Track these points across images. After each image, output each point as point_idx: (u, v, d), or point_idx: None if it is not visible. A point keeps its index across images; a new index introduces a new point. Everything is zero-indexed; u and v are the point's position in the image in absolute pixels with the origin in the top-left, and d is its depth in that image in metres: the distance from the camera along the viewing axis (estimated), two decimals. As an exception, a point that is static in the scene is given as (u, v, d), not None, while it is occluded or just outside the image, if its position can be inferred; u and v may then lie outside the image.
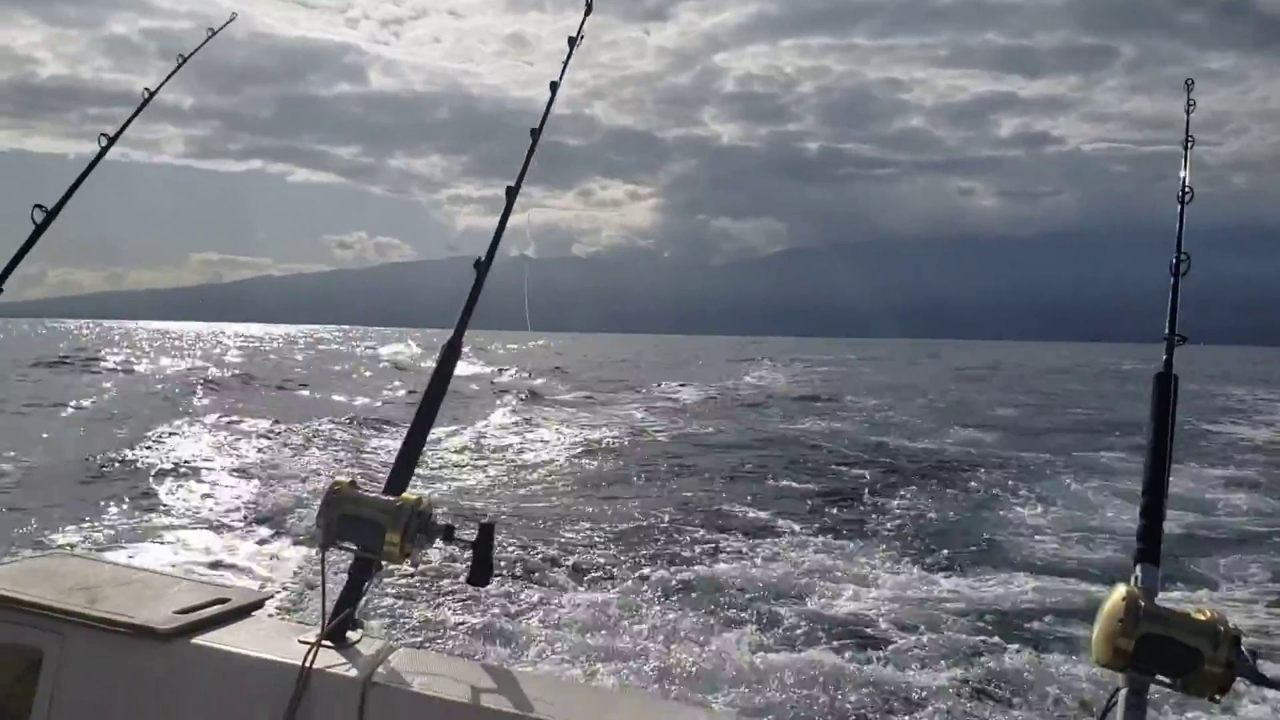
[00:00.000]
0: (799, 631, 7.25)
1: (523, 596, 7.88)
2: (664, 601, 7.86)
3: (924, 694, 6.23)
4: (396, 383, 35.13)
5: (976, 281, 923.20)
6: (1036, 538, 10.99)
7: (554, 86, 3.10)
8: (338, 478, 2.06)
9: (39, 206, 3.03)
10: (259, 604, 2.33)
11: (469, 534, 2.06)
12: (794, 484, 14.20)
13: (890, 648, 7.03)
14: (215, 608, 2.22)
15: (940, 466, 16.34)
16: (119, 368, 39.19)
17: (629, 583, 8.39)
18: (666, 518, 11.30)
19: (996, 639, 7.22)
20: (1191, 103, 3.13)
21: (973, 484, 14.57)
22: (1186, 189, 2.54)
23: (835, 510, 12.17)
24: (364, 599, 2.09)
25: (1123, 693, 1.59)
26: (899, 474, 15.21)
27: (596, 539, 10.20)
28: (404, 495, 2.03)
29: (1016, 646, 7.03)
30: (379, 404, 26.30)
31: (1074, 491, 14.01)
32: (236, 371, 37.65)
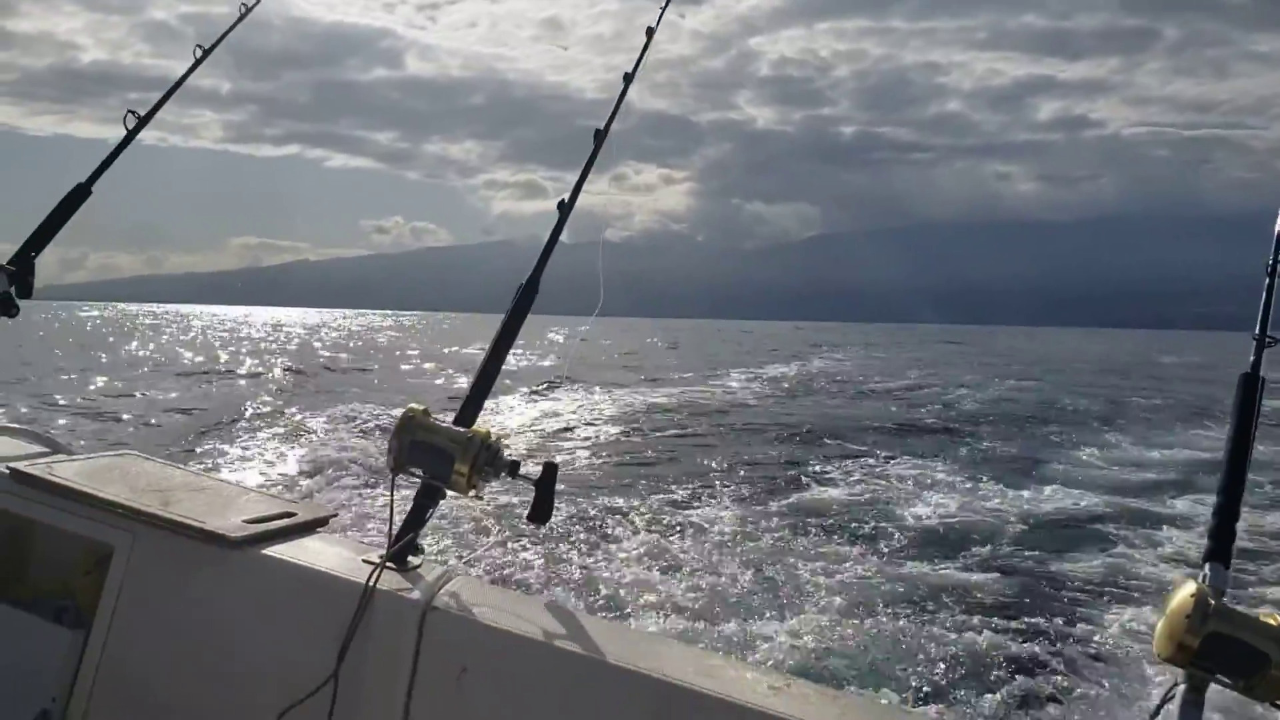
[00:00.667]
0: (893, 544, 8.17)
1: (582, 538, 8.03)
2: (728, 547, 8.06)
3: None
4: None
5: (1014, 267, 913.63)
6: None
7: (627, 78, 3.08)
8: (411, 405, 2.07)
9: (131, 112, 3.15)
10: (324, 521, 2.36)
11: (534, 471, 2.06)
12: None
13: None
14: (283, 520, 2.25)
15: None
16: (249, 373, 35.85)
17: (691, 528, 8.66)
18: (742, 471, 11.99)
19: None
20: None
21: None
22: None
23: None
24: (427, 526, 2.10)
25: (1181, 689, 1.56)
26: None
27: (662, 488, 10.69)
28: (474, 428, 2.05)
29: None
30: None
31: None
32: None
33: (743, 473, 12.49)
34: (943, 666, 6.26)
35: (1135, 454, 16.13)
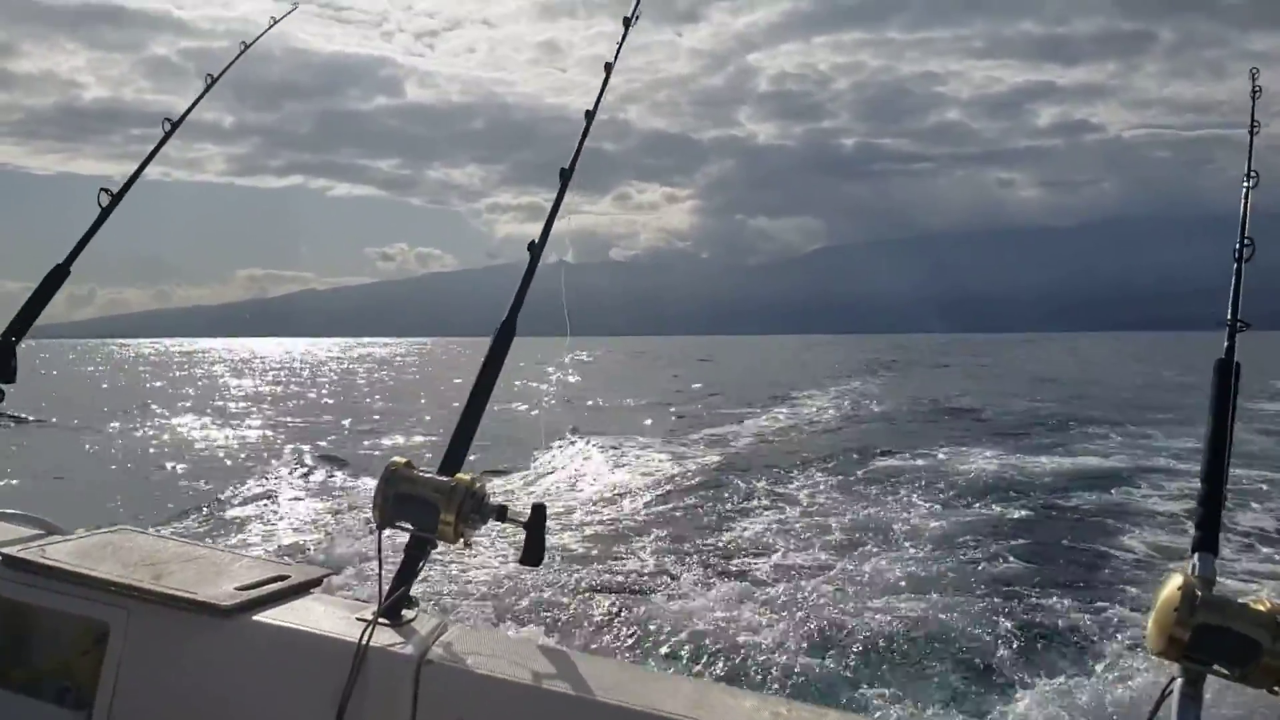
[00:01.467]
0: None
1: (577, 579, 7.95)
2: (720, 584, 7.92)
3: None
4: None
5: (1020, 274, 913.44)
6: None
7: (608, 68, 3.05)
8: (394, 458, 2.07)
9: (105, 190, 3.13)
10: (317, 581, 2.36)
11: (522, 513, 2.05)
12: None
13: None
14: (275, 584, 2.26)
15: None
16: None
17: (687, 571, 8.48)
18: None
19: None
20: (1257, 89, 3.09)
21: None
22: (1251, 173, 2.49)
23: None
24: (419, 577, 2.11)
25: (1178, 683, 1.55)
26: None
27: (664, 531, 10.35)
28: (458, 475, 2.05)
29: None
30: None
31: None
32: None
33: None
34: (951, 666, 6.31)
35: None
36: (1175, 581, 1.57)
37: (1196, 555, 1.72)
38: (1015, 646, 6.76)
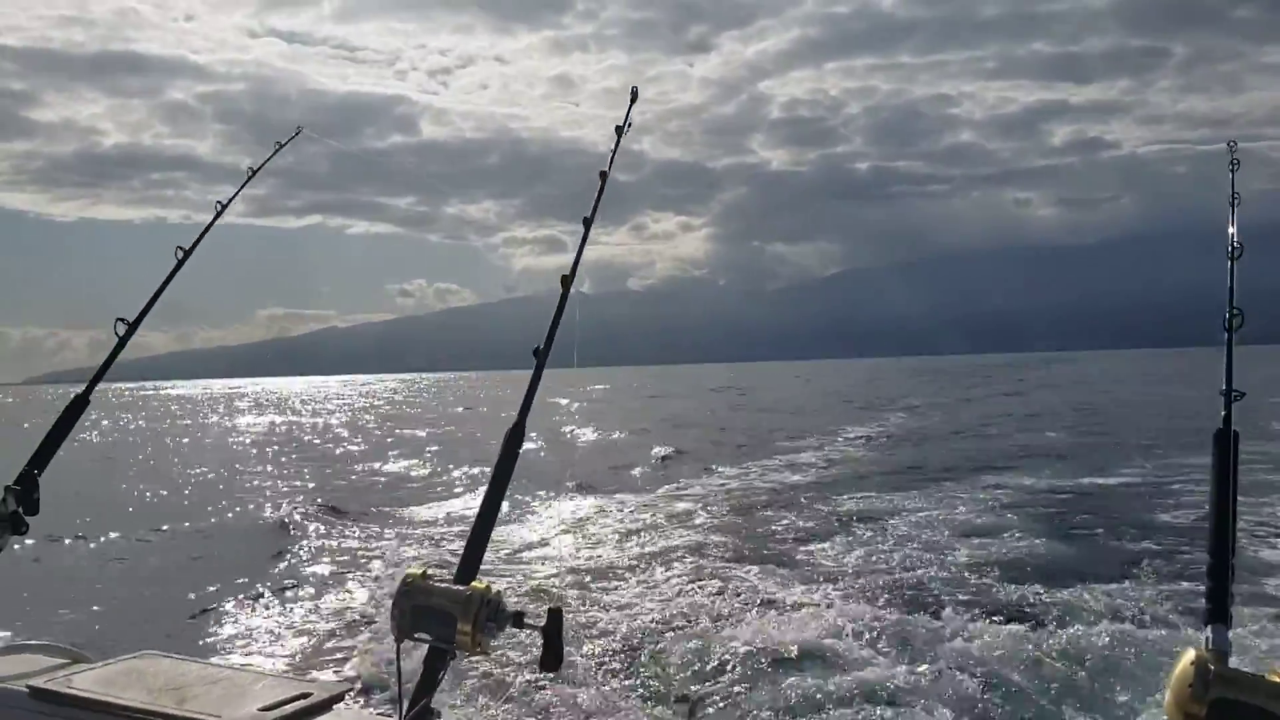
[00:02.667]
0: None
1: (598, 678, 7.86)
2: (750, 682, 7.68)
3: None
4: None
5: (1041, 292, 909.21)
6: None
7: (603, 176, 3.15)
8: (410, 569, 2.09)
9: (121, 320, 3.32)
10: (339, 697, 2.39)
11: (539, 618, 2.06)
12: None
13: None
14: (298, 703, 2.29)
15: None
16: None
17: (711, 664, 8.20)
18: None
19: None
20: (1235, 162, 3.03)
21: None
22: (1236, 245, 2.50)
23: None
24: (439, 687, 2.11)
25: None
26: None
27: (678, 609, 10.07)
28: (473, 584, 2.06)
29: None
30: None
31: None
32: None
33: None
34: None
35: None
36: (1189, 656, 1.57)
37: (1209, 627, 1.71)
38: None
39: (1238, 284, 2.38)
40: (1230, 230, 2.59)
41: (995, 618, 9.18)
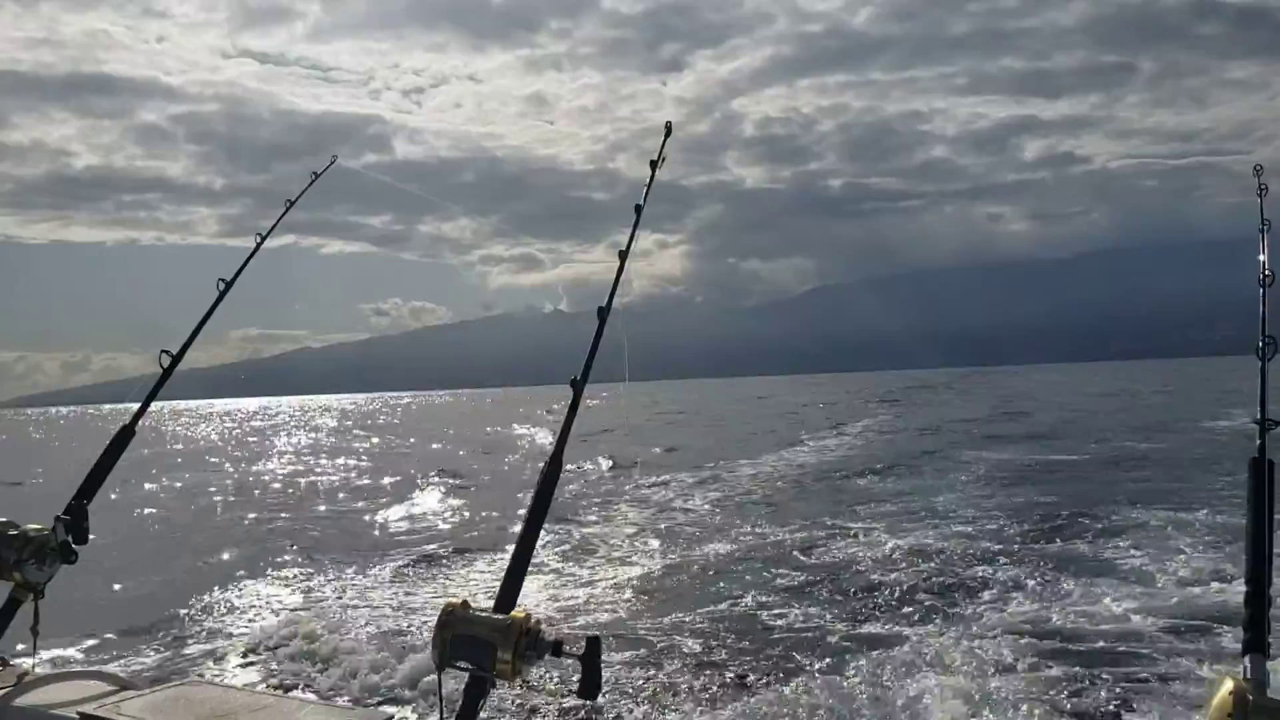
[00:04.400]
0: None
1: (635, 707, 7.83)
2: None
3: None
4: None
5: (1015, 306, 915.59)
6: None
7: (639, 209, 3.23)
8: (449, 599, 2.12)
9: (165, 351, 3.46)
10: None
11: (577, 647, 2.09)
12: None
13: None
14: None
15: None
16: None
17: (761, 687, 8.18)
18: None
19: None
20: (1263, 187, 3.00)
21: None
22: (1267, 272, 2.48)
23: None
24: (479, 717, 2.13)
25: None
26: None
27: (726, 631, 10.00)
28: (513, 613, 2.09)
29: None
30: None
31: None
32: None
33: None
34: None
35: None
36: (1227, 687, 1.56)
37: (1247, 657, 1.72)
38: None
39: (1269, 312, 2.33)
40: (1261, 257, 2.55)
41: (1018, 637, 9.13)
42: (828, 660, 8.76)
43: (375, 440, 53.64)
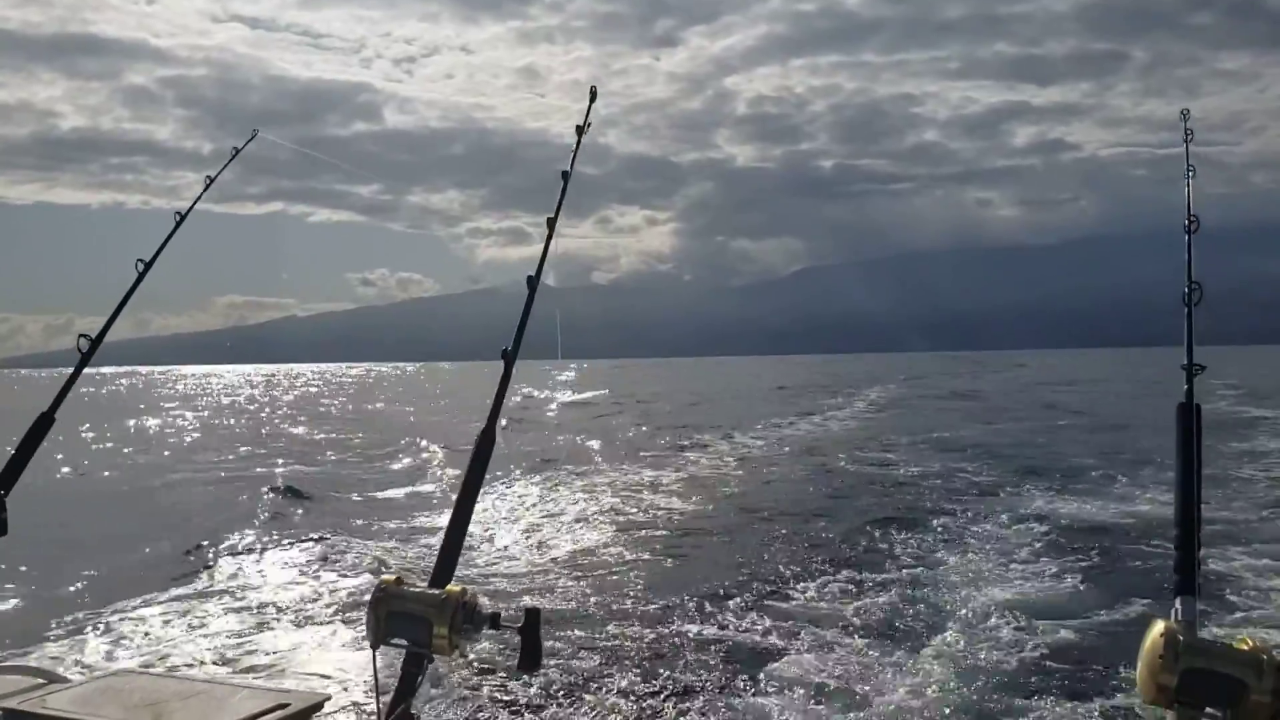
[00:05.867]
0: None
1: (574, 680, 7.75)
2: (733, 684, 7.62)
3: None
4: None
5: (1001, 292, 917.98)
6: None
7: (565, 176, 3.13)
8: (383, 576, 2.08)
9: (84, 336, 3.31)
10: (318, 706, 2.39)
11: (516, 618, 2.07)
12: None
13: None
14: (276, 714, 2.28)
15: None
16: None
17: (688, 661, 8.19)
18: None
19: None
20: (1189, 132, 3.07)
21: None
22: (1192, 218, 2.54)
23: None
24: (418, 693, 2.11)
25: None
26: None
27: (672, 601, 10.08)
28: (449, 587, 2.05)
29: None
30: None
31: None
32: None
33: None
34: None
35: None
36: (1158, 629, 1.59)
37: (1178, 599, 1.75)
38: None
39: (1195, 259, 2.40)
40: (1187, 203, 2.60)
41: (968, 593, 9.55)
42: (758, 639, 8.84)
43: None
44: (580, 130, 3.26)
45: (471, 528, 2.36)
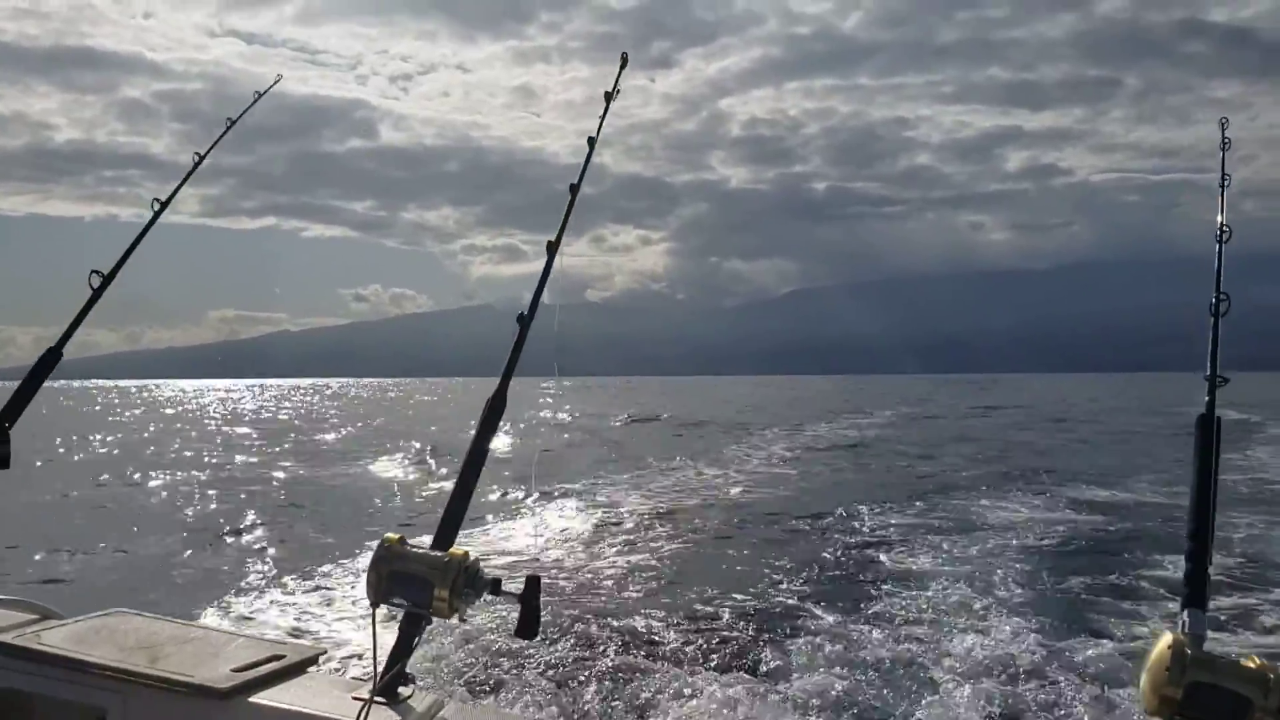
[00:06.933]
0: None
1: (571, 649, 7.82)
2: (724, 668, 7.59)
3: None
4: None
5: (993, 315, 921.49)
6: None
7: (591, 142, 3.13)
8: (387, 535, 2.07)
9: (95, 272, 3.19)
10: (313, 660, 2.36)
11: (517, 586, 2.05)
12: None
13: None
14: (271, 664, 2.26)
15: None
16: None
17: (678, 643, 8.21)
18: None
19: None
20: (1226, 140, 3.01)
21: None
22: (1225, 227, 2.50)
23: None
24: (415, 654, 2.11)
25: None
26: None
27: (663, 594, 10.09)
28: (451, 550, 2.04)
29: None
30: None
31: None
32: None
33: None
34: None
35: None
36: (1165, 640, 1.57)
37: (1186, 611, 1.73)
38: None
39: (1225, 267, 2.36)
40: (1220, 213, 2.59)
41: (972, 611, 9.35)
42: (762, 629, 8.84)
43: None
44: (609, 96, 3.21)
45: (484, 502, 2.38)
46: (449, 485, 2.39)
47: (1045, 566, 11.26)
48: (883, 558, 11.77)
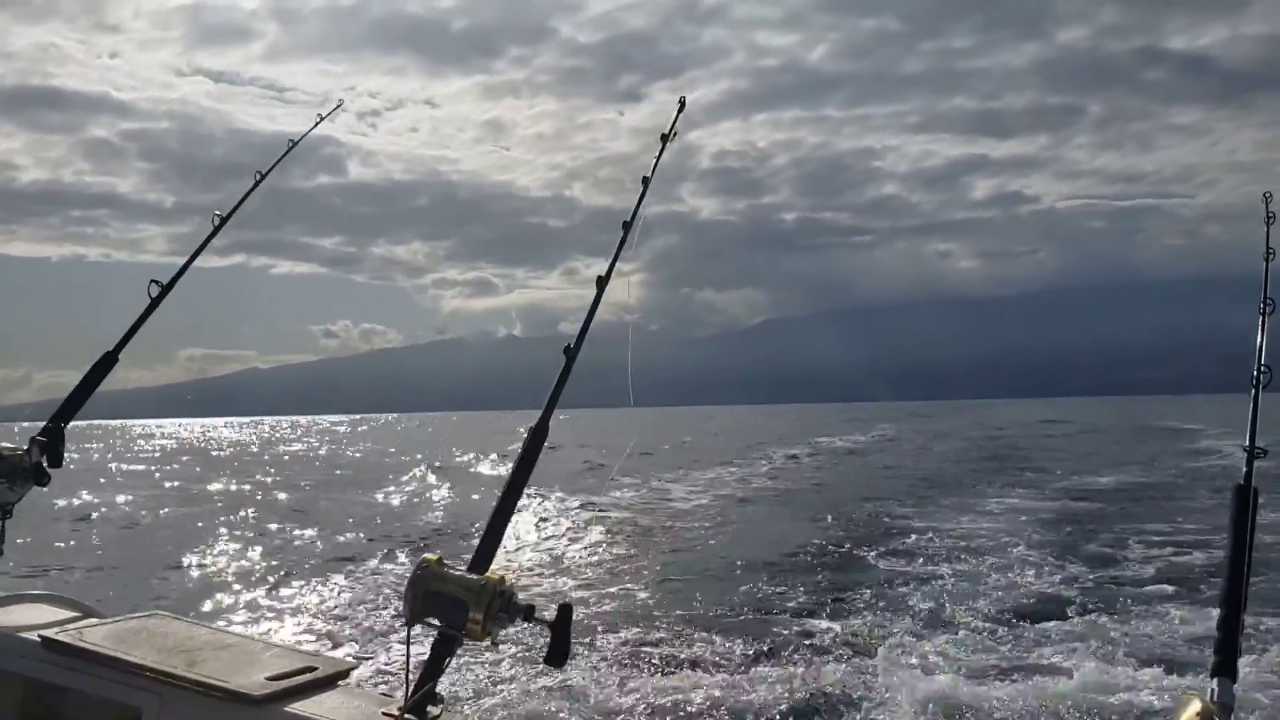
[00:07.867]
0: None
1: (600, 676, 7.99)
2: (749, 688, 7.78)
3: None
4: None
5: (963, 342, 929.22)
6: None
7: (645, 181, 3.22)
8: (426, 555, 2.11)
9: (154, 281, 3.37)
10: (345, 674, 2.41)
11: (549, 613, 2.09)
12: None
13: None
14: (304, 675, 2.31)
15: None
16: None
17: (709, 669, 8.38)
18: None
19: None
20: (1271, 215, 2.93)
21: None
22: (1268, 300, 2.50)
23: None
24: (445, 674, 2.13)
25: None
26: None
27: (680, 612, 10.44)
28: (488, 574, 2.08)
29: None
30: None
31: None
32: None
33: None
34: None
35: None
36: (1194, 707, 1.56)
37: (1215, 680, 1.72)
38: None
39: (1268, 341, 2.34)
40: (1263, 285, 2.56)
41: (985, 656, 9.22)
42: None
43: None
44: (665, 139, 3.35)
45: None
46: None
47: (1069, 613, 10.83)
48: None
